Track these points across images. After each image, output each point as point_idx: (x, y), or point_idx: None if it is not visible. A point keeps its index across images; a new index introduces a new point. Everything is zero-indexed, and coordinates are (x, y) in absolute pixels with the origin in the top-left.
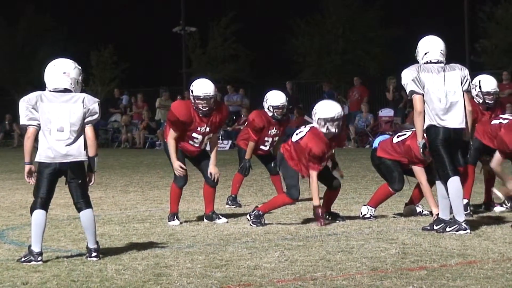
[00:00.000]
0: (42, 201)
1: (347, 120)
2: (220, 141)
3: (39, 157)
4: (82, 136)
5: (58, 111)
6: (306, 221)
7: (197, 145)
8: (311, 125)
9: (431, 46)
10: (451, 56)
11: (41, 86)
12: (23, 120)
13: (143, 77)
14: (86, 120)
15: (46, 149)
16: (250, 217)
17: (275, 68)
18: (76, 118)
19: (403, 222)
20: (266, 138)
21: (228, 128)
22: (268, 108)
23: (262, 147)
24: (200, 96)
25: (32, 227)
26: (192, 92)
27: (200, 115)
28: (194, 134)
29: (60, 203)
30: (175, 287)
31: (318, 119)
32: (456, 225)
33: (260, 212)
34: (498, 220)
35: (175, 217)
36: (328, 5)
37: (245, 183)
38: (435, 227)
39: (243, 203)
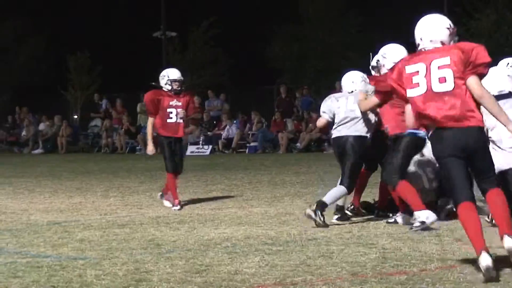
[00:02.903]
0: None
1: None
2: (200, 146)
3: None
4: None
5: None
6: (287, 226)
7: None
8: None
9: None
10: None
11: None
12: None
13: (121, 82)
14: None
15: None
16: None
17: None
18: None
19: (382, 227)
20: (168, 110)
21: (208, 133)
22: (166, 83)
23: (168, 120)
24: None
25: None
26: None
27: None
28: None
29: (39, 208)
30: None
31: None
32: None
33: None
34: None
35: None
36: (308, 10)
37: (226, 188)
38: None
39: (225, 206)
